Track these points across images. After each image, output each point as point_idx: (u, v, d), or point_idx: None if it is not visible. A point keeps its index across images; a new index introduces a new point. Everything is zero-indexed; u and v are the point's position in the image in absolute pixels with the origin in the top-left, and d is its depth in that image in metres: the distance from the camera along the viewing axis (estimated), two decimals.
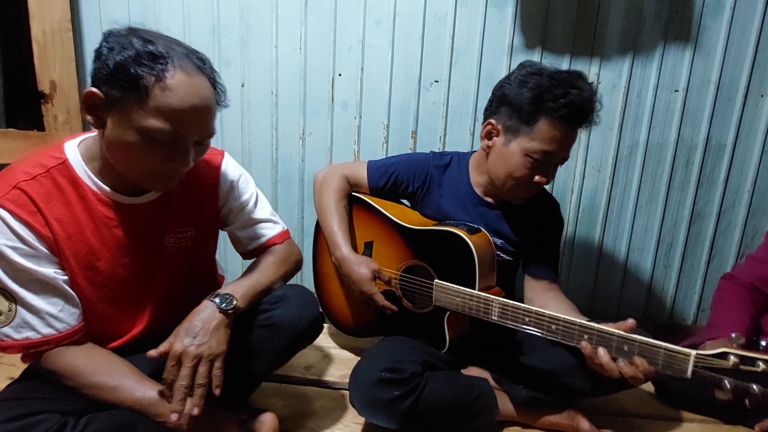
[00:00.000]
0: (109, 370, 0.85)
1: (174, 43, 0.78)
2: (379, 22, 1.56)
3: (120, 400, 0.83)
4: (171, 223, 0.94)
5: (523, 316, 0.98)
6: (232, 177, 1.03)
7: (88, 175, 0.84)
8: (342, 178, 1.28)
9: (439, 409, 1.04)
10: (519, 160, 1.09)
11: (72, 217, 0.83)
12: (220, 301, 0.86)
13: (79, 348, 0.85)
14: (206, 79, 0.80)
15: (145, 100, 0.73)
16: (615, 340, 0.87)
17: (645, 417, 1.23)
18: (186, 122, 0.77)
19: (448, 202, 1.24)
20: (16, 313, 0.79)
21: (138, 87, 0.72)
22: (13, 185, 0.78)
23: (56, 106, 1.59)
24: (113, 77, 0.73)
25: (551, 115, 1.03)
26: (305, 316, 0.98)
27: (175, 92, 0.74)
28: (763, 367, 0.73)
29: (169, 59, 0.74)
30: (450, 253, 1.10)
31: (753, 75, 1.50)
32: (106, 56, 0.74)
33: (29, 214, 0.78)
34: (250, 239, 1.06)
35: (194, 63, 0.78)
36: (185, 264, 0.99)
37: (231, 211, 1.04)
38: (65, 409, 0.81)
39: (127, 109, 0.74)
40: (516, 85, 1.08)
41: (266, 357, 0.96)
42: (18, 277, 0.78)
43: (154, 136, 0.75)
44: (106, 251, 0.87)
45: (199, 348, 0.80)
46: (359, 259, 1.17)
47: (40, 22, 1.52)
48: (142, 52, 0.73)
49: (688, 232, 1.65)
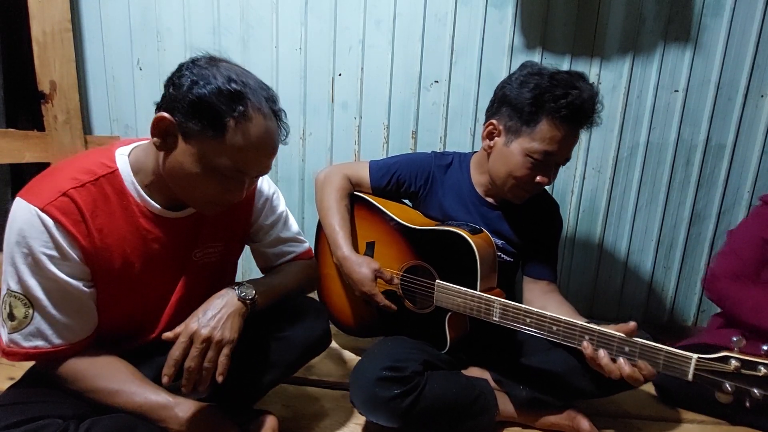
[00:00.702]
0: (110, 375, 0.84)
1: (251, 80, 0.79)
2: (380, 22, 1.56)
3: (122, 403, 0.82)
4: (203, 237, 0.95)
5: (524, 318, 0.98)
6: (266, 194, 1.04)
7: (135, 188, 0.84)
8: (344, 178, 1.28)
9: (439, 408, 1.04)
10: (520, 160, 1.09)
11: (113, 228, 0.82)
12: (241, 290, 0.87)
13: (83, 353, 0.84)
14: (275, 120, 0.82)
15: (221, 139, 0.75)
16: (616, 342, 0.87)
17: (645, 418, 1.23)
18: (253, 162, 0.80)
19: (450, 202, 1.24)
20: (31, 320, 0.78)
21: (217, 125, 0.74)
22: (62, 191, 0.77)
23: (56, 106, 1.59)
24: (192, 110, 0.74)
25: (552, 116, 1.03)
26: (317, 331, 1.00)
27: (251, 136, 0.76)
28: (764, 371, 0.73)
29: (248, 100, 0.76)
30: (452, 254, 1.10)
31: (753, 75, 1.50)
32: (189, 87, 0.74)
33: (73, 224, 0.77)
34: (277, 257, 1.07)
35: (268, 105, 0.80)
36: (208, 279, 0.99)
37: (262, 228, 1.05)
38: (66, 414, 0.80)
39: (200, 143, 0.76)
40: (517, 86, 1.08)
41: (277, 368, 0.97)
42: (46, 285, 0.77)
43: (220, 171, 0.78)
44: (140, 264, 0.87)
45: (213, 331, 0.80)
46: (360, 259, 1.17)
47: (41, 22, 1.52)
48: (224, 90, 0.74)
49: (688, 232, 1.65)
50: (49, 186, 0.77)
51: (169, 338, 0.81)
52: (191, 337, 0.80)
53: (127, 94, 1.68)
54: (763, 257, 1.29)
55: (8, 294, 0.77)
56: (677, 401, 1.28)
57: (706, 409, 1.24)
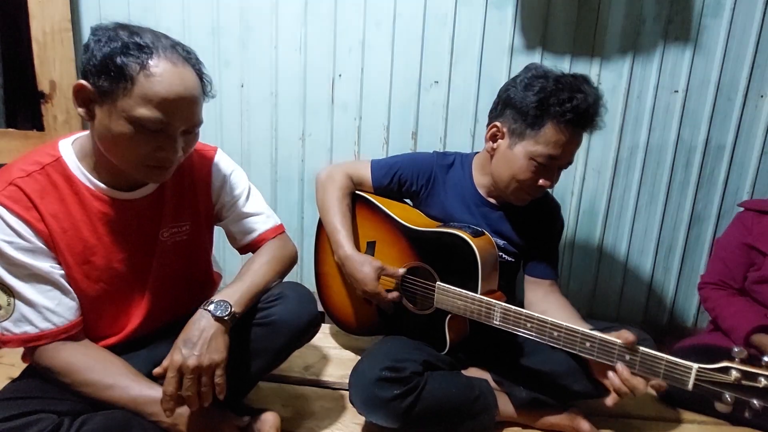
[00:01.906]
0: (104, 368, 0.85)
1: (161, 36, 0.80)
2: (380, 23, 1.56)
3: (115, 398, 0.83)
4: (166, 217, 0.95)
5: (525, 322, 0.97)
6: (224, 171, 1.04)
7: (81, 172, 0.86)
8: (346, 177, 1.28)
9: (439, 409, 1.04)
10: (523, 163, 1.09)
11: (66, 213, 0.84)
12: (215, 308, 0.86)
13: (76, 345, 0.86)
14: (191, 69, 0.82)
15: (131, 89, 0.75)
16: (616, 350, 0.87)
17: (645, 418, 1.23)
18: (172, 110, 0.78)
19: (451, 202, 1.24)
20: (15, 308, 0.80)
21: (124, 76, 0.74)
22: (9, 182, 0.80)
23: (56, 106, 1.59)
24: (101, 68, 0.75)
25: (557, 120, 1.03)
26: (304, 314, 0.98)
27: (160, 80, 0.76)
28: (764, 383, 0.73)
29: (154, 49, 0.76)
30: (453, 256, 1.10)
31: (753, 75, 1.50)
32: (94, 48, 0.76)
33: (25, 210, 0.80)
34: (243, 233, 1.07)
35: (179, 54, 0.80)
36: (181, 259, 1.00)
37: (224, 205, 1.05)
38: (61, 410, 0.81)
39: (115, 99, 0.76)
40: (521, 89, 1.08)
41: (264, 355, 0.96)
42: (15, 271, 0.80)
43: (142, 124, 0.77)
44: (102, 246, 0.88)
45: (199, 359, 0.80)
46: (363, 258, 1.17)
47: (40, 21, 1.52)
48: (128, 43, 0.75)
49: (688, 234, 1.64)
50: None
51: (158, 374, 0.81)
52: (180, 370, 0.80)
53: None
54: (747, 261, 1.32)
55: None
56: (677, 401, 1.28)
57: (706, 410, 1.24)
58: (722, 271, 1.34)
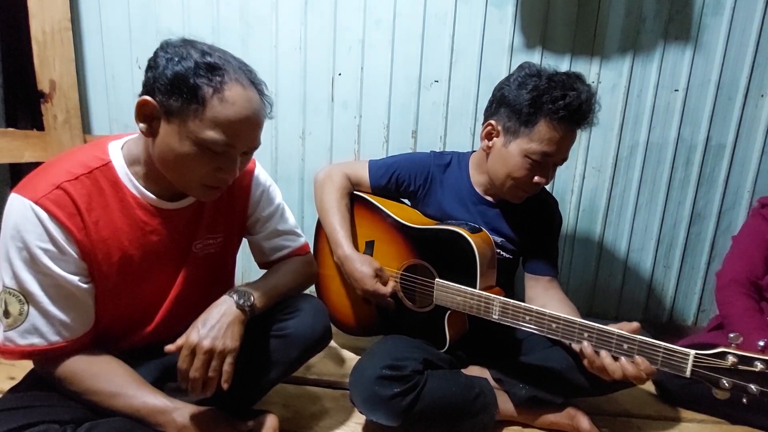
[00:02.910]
0: (109, 377, 0.84)
1: (229, 56, 0.80)
2: (379, 21, 1.56)
3: (120, 407, 0.82)
4: (202, 229, 0.94)
5: (524, 315, 0.98)
6: (263, 184, 1.04)
7: (129, 179, 0.84)
8: (343, 177, 1.28)
9: (439, 407, 1.04)
10: (518, 160, 1.09)
11: (109, 220, 0.82)
12: (238, 297, 0.87)
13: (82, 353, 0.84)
14: (257, 91, 0.82)
15: (202, 111, 0.75)
16: (614, 339, 0.88)
17: (645, 417, 1.23)
18: (239, 133, 0.78)
19: (449, 201, 1.24)
20: (27, 317, 0.77)
21: (196, 98, 0.74)
22: (56, 185, 0.76)
23: (56, 106, 1.59)
24: (171, 87, 0.74)
25: (550, 117, 1.04)
26: (317, 328, 0.99)
27: (232, 104, 0.76)
28: (761, 367, 0.74)
29: (225, 72, 0.76)
30: (451, 252, 1.10)
31: (753, 74, 1.50)
32: (165, 66, 0.75)
33: (68, 217, 0.77)
34: (274, 250, 1.07)
35: (247, 76, 0.80)
36: (208, 269, 0.99)
37: (258, 219, 1.04)
38: (63, 419, 0.79)
39: (183, 120, 0.76)
40: (515, 87, 1.09)
41: (279, 366, 0.96)
42: (42, 280, 0.77)
43: (207, 147, 0.77)
44: (139, 256, 0.86)
45: (214, 341, 0.80)
46: (361, 258, 1.17)
47: (40, 21, 1.52)
48: (200, 63, 0.74)
49: (688, 232, 1.65)
50: (43, 180, 0.77)
51: (170, 351, 0.81)
52: (194, 349, 0.80)
53: (127, 93, 1.68)
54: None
55: (3, 291, 0.77)
56: (677, 400, 1.28)
57: (705, 408, 1.24)
58: (749, 268, 1.30)
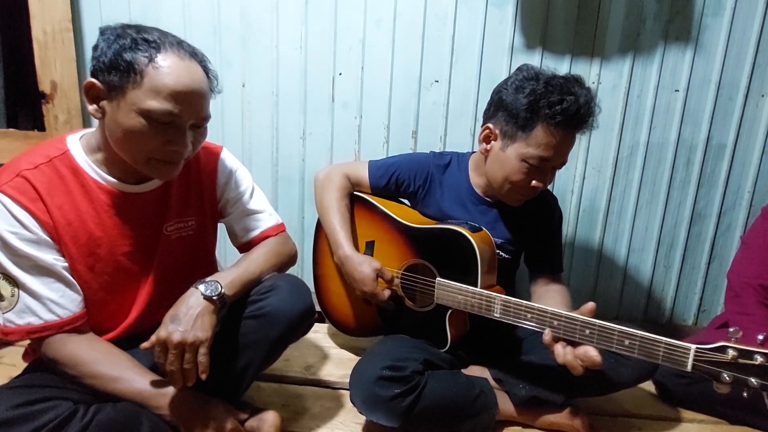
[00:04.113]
0: (110, 361, 0.86)
1: (168, 34, 0.83)
2: (380, 21, 1.56)
3: (120, 391, 0.84)
4: (171, 211, 0.97)
5: (525, 313, 0.98)
6: (230, 167, 1.06)
7: (89, 165, 0.88)
8: (343, 177, 1.29)
9: (440, 408, 1.04)
10: (516, 164, 1.09)
11: (72, 205, 0.85)
12: (205, 287, 0.87)
13: (82, 337, 0.87)
14: (197, 64, 0.84)
15: (140, 81, 0.78)
16: (616, 335, 0.88)
17: (645, 417, 1.23)
18: (180, 102, 0.80)
19: (448, 202, 1.24)
20: (18, 298, 0.81)
21: (134, 69, 0.77)
22: (16, 173, 0.82)
23: (57, 106, 1.59)
24: (111, 65, 0.78)
25: (547, 122, 1.04)
26: (297, 304, 0.96)
27: (168, 72, 0.79)
28: (760, 360, 0.75)
29: (161, 44, 0.80)
30: (452, 251, 1.10)
31: (753, 75, 1.50)
32: (103, 47, 0.79)
33: (30, 201, 0.81)
34: (245, 230, 1.08)
35: (185, 49, 0.83)
36: (185, 254, 1.01)
37: (228, 201, 1.06)
38: (76, 398, 0.82)
39: (124, 93, 0.78)
40: (512, 91, 1.08)
41: (259, 348, 0.95)
42: (19, 262, 0.81)
43: (152, 116, 0.79)
44: (107, 239, 0.89)
45: (183, 335, 0.81)
46: (362, 258, 1.17)
47: (41, 21, 1.52)
48: (137, 39, 0.78)
49: (689, 232, 1.64)
50: (4, 171, 0.83)
51: (146, 348, 0.83)
52: (164, 344, 0.81)
53: None
54: None
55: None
56: (677, 400, 1.28)
57: (706, 409, 1.24)
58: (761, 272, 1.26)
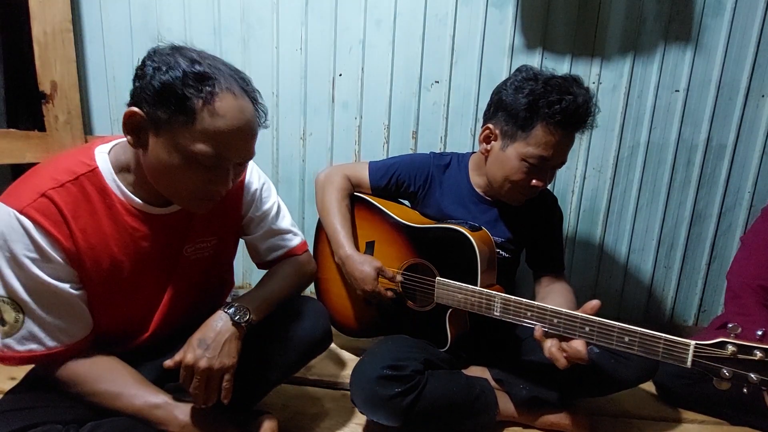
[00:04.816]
0: (111, 378, 0.84)
1: (219, 63, 0.77)
2: (380, 22, 1.56)
3: (122, 407, 0.82)
4: (193, 233, 0.93)
5: (525, 311, 0.98)
6: (256, 186, 1.01)
7: (117, 185, 0.82)
8: (344, 178, 1.29)
9: (440, 407, 1.04)
10: (516, 164, 1.10)
11: (97, 228, 0.80)
12: (234, 312, 0.85)
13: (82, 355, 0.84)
14: (250, 101, 0.79)
15: (192, 123, 0.72)
16: (615, 332, 0.88)
17: (645, 418, 1.23)
18: (231, 146, 0.76)
19: (448, 202, 1.25)
20: (23, 324, 0.76)
21: (185, 109, 0.71)
22: (41, 193, 0.75)
23: (57, 107, 1.59)
24: (159, 98, 0.72)
25: (546, 121, 1.04)
26: (318, 331, 0.99)
27: (222, 116, 0.73)
28: (760, 355, 0.75)
29: (216, 81, 0.73)
30: (452, 251, 1.11)
31: (754, 75, 1.50)
32: (152, 76, 0.72)
33: (54, 225, 0.75)
34: (270, 250, 1.05)
35: (239, 85, 0.77)
36: (201, 273, 0.97)
37: (252, 220, 1.02)
38: (65, 419, 0.80)
39: (172, 132, 0.73)
40: (512, 91, 1.09)
41: (279, 369, 0.96)
42: (32, 288, 0.76)
43: (198, 160, 0.74)
44: (129, 262, 0.85)
45: (211, 361, 0.80)
46: (362, 258, 1.18)
47: (41, 22, 1.52)
48: (189, 73, 0.71)
49: (689, 233, 1.64)
50: (28, 188, 0.75)
51: (169, 367, 0.81)
52: (191, 369, 0.80)
53: (128, 94, 1.67)
54: None
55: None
56: (677, 401, 1.28)
57: (706, 409, 1.24)
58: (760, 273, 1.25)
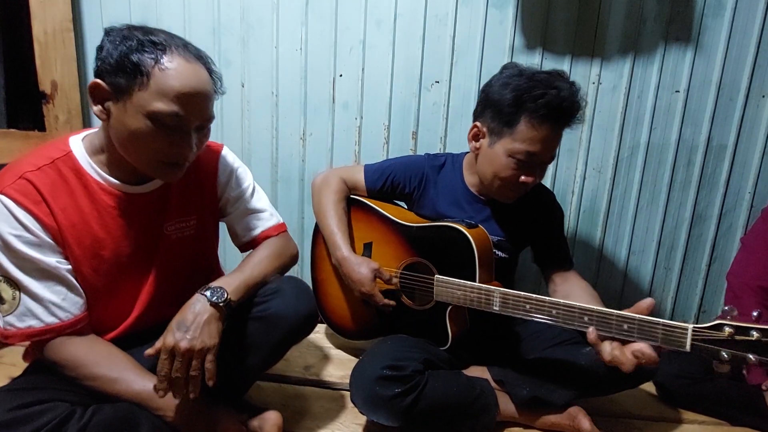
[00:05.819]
0: (110, 362, 0.86)
1: (174, 36, 0.83)
2: (380, 22, 1.56)
3: (120, 392, 0.84)
4: (171, 211, 0.96)
5: (524, 304, 0.98)
6: (231, 166, 1.06)
7: (91, 166, 0.87)
8: (340, 181, 1.30)
9: (440, 407, 1.04)
10: (504, 161, 1.10)
11: (76, 207, 0.85)
12: (211, 294, 0.86)
13: (81, 339, 0.87)
14: (203, 66, 0.84)
15: (146, 83, 0.77)
16: (614, 320, 0.88)
17: (646, 418, 1.22)
18: (186, 103, 0.80)
19: (443, 202, 1.25)
20: (20, 301, 0.81)
21: (140, 71, 0.77)
22: (19, 175, 0.81)
23: (57, 107, 1.59)
24: (117, 66, 0.77)
25: (531, 115, 1.05)
26: (301, 308, 0.97)
27: (174, 74, 0.78)
28: (756, 335, 0.75)
29: (167, 46, 0.79)
30: (449, 248, 1.11)
31: (754, 75, 1.50)
32: (109, 48, 0.78)
33: (34, 204, 0.81)
34: (246, 230, 1.08)
35: (191, 52, 0.83)
36: (186, 254, 1.00)
37: (228, 200, 1.06)
38: (73, 399, 0.82)
39: (130, 95, 0.78)
40: (498, 88, 1.10)
41: (261, 350, 0.95)
42: (22, 265, 0.80)
43: (158, 118, 0.78)
44: (110, 240, 0.89)
45: (191, 342, 0.81)
46: (359, 260, 1.18)
47: (42, 22, 1.52)
48: (143, 41, 0.78)
49: (689, 234, 1.64)
50: (7, 174, 0.82)
51: (150, 355, 0.82)
52: (172, 351, 0.80)
53: None
54: None
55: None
56: (677, 401, 1.27)
57: (706, 409, 1.24)
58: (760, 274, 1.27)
